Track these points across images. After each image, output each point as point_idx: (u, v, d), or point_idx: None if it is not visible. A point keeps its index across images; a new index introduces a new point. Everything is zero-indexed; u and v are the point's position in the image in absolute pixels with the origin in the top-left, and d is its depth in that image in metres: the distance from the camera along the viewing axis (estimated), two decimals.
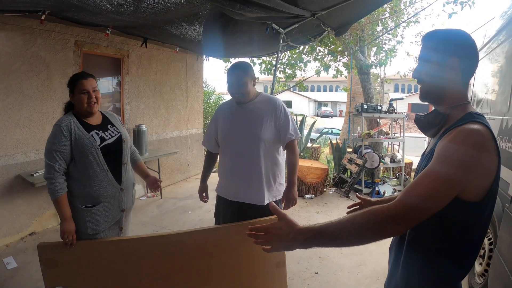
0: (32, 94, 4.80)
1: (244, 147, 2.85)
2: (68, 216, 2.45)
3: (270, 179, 2.91)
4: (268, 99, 2.95)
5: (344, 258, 4.24)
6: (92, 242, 2.54)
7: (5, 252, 4.30)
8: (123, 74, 6.43)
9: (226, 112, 3.03)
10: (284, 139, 2.89)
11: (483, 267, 3.39)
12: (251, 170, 2.85)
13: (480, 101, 4.64)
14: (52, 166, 2.40)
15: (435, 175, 1.23)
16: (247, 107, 2.90)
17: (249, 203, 2.88)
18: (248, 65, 2.92)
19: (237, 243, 2.57)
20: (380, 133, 8.04)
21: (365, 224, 1.22)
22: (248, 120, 2.86)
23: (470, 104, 1.43)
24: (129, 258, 2.55)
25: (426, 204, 1.20)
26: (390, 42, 9.86)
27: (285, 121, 2.87)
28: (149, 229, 5.18)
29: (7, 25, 4.44)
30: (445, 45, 1.41)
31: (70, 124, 2.47)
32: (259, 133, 2.80)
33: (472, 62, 1.42)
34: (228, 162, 2.98)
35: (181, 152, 8.04)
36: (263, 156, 2.84)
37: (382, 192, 7.00)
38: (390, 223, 1.20)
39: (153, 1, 3.77)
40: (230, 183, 2.96)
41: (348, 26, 5.81)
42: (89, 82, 2.54)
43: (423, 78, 1.47)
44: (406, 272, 1.43)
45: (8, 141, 4.57)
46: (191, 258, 2.59)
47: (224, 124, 2.98)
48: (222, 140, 2.99)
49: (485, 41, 4.74)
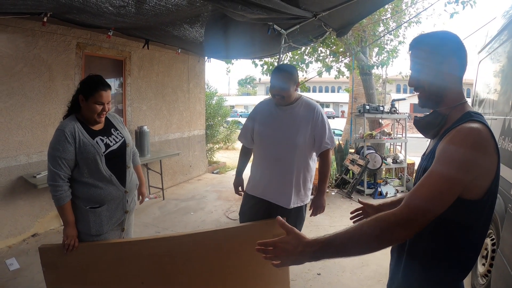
0: (34, 96, 4.81)
1: (278, 150, 2.86)
2: (72, 222, 2.45)
3: (300, 184, 2.93)
4: (308, 104, 2.93)
5: (346, 259, 4.20)
6: (94, 245, 2.54)
7: (8, 254, 4.31)
8: (125, 75, 6.44)
9: (264, 113, 3.03)
10: (320, 147, 2.89)
11: (486, 268, 3.38)
12: (282, 174, 2.87)
13: (482, 101, 4.63)
14: (57, 173, 2.38)
15: (437, 177, 1.23)
16: (286, 110, 2.90)
17: (275, 203, 2.92)
18: (293, 69, 2.93)
19: (239, 245, 2.57)
20: (382, 133, 8.03)
21: (373, 232, 1.22)
22: (285, 124, 2.87)
23: (467, 104, 1.44)
24: (131, 260, 2.55)
25: (430, 205, 1.21)
26: (392, 43, 9.86)
27: (321, 129, 2.86)
28: (151, 230, 5.19)
29: (9, 27, 4.45)
30: (442, 47, 1.42)
31: (74, 130, 2.44)
32: (294, 139, 2.82)
33: (467, 62, 1.43)
34: (261, 162, 3.02)
35: (183, 154, 8.05)
36: (296, 161, 2.85)
37: (385, 193, 6.99)
38: (398, 229, 1.21)
39: (154, 3, 3.78)
40: (260, 182, 2.99)
41: (349, 26, 5.80)
42: (107, 94, 2.50)
43: (422, 84, 1.47)
44: (407, 274, 1.44)
45: (10, 143, 4.58)
46: (193, 260, 2.58)
47: (261, 124, 2.99)
48: (258, 140, 3.02)
49: (487, 41, 4.73)
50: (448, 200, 1.21)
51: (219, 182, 8.21)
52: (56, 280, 2.47)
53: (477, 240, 1.36)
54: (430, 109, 1.53)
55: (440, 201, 1.21)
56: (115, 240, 2.65)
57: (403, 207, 1.23)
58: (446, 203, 1.21)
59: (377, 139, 7.65)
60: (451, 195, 1.21)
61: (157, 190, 6.90)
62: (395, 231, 1.21)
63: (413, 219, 1.20)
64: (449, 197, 1.21)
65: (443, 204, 1.21)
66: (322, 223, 5.43)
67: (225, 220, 5.68)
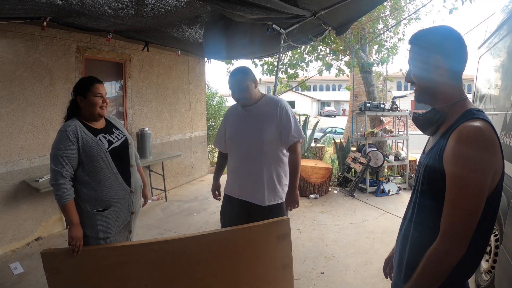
0: (35, 100, 4.82)
1: (247, 149, 2.92)
2: (76, 222, 2.44)
3: (274, 180, 2.94)
4: (271, 100, 2.98)
5: (350, 257, 4.23)
6: (96, 249, 2.53)
7: (12, 258, 4.32)
8: (125, 78, 6.45)
9: (233, 115, 3.11)
10: (287, 141, 2.88)
11: (489, 264, 3.37)
12: (253, 171, 2.91)
13: (483, 96, 4.62)
14: (59, 171, 2.38)
15: (466, 190, 1.25)
16: (251, 110, 2.95)
17: (251, 202, 2.95)
18: (246, 69, 2.96)
19: (243, 246, 2.57)
20: (383, 131, 8.01)
21: (434, 272, 1.30)
22: (251, 124, 2.92)
23: (468, 100, 1.43)
24: (134, 264, 2.54)
25: (470, 222, 1.26)
26: (392, 40, 9.86)
27: (286, 123, 2.87)
28: (154, 232, 5.19)
29: (9, 32, 4.46)
30: (426, 44, 1.44)
31: (76, 129, 2.47)
32: (260, 136, 2.85)
33: (458, 57, 1.42)
34: (233, 163, 3.07)
35: (185, 155, 8.06)
36: (265, 158, 2.89)
37: (387, 191, 6.99)
38: (451, 258, 1.28)
39: (153, 5, 3.78)
40: (235, 182, 3.04)
41: (348, 25, 5.79)
42: (102, 87, 2.60)
43: (414, 80, 1.48)
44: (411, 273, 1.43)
45: (12, 147, 4.59)
46: (196, 262, 2.59)
47: (230, 127, 3.08)
48: (229, 142, 3.09)
49: (487, 36, 4.72)
50: (481, 208, 1.26)
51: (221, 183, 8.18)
52: (59, 285, 2.47)
53: (482, 238, 1.36)
54: (427, 105, 1.53)
55: (476, 214, 1.26)
56: (118, 243, 2.64)
57: (445, 238, 1.29)
58: (480, 212, 1.26)
59: (379, 136, 7.63)
60: (483, 202, 1.26)
61: (160, 191, 6.91)
62: (451, 262, 1.28)
63: (460, 245, 1.26)
64: (481, 206, 1.26)
65: (479, 214, 1.26)
66: (325, 222, 5.43)
67: None
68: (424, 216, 1.44)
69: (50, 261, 2.45)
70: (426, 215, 1.42)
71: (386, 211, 5.96)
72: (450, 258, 1.26)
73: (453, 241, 1.25)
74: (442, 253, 1.27)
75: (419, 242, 1.43)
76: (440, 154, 1.34)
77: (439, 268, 1.28)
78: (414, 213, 1.50)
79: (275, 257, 2.65)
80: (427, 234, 1.38)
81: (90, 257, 2.50)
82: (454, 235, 1.25)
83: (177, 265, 2.56)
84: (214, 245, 2.60)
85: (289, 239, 2.63)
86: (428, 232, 1.37)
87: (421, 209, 1.46)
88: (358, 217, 5.68)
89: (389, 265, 1.91)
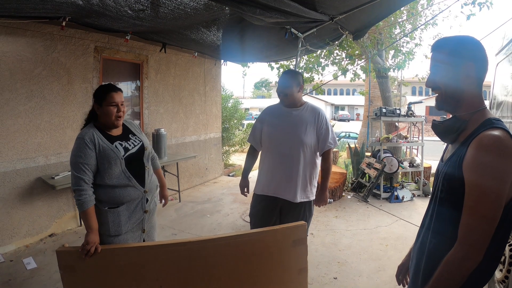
0: (53, 98, 4.88)
1: (287, 147, 3.12)
2: (95, 228, 2.47)
3: (307, 179, 3.18)
4: (312, 108, 3.23)
5: (363, 263, 4.20)
6: (112, 248, 2.54)
7: (25, 253, 4.37)
8: (142, 79, 6.50)
9: (273, 115, 3.30)
10: (323, 147, 3.17)
11: (503, 274, 3.31)
12: (290, 169, 3.11)
13: (500, 104, 4.55)
14: (82, 178, 2.43)
15: (484, 197, 1.27)
16: (293, 112, 3.18)
17: (282, 198, 3.16)
18: (297, 73, 3.32)
19: (259, 250, 2.56)
20: (398, 137, 7.96)
21: (451, 278, 1.32)
22: (293, 124, 3.14)
23: (487, 109, 1.44)
24: (149, 264, 2.55)
25: (487, 228, 1.27)
26: (408, 45, 9.78)
27: (325, 130, 3.16)
28: (168, 232, 5.21)
29: (28, 31, 4.53)
30: (461, 51, 1.43)
31: (93, 136, 2.51)
32: (302, 137, 3.09)
33: (486, 67, 1.45)
34: (272, 160, 3.21)
35: (200, 156, 8.09)
36: (303, 158, 3.11)
37: (401, 197, 6.92)
38: (469, 263, 1.28)
39: (173, 7, 3.80)
40: (271, 181, 3.19)
41: (366, 29, 5.77)
42: (118, 95, 2.60)
43: (439, 86, 1.48)
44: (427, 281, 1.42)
45: (29, 144, 4.65)
46: (212, 265, 2.58)
47: (270, 125, 3.25)
48: (267, 140, 3.25)
49: (504, 43, 4.66)
50: (499, 216, 1.27)
51: (235, 185, 8.18)
52: (74, 283, 2.48)
53: (498, 246, 1.36)
54: (447, 112, 1.52)
55: (493, 221, 1.27)
56: (134, 244, 2.66)
57: (463, 244, 1.30)
58: (497, 219, 1.27)
59: (394, 142, 7.58)
60: (501, 209, 1.27)
61: (174, 192, 6.93)
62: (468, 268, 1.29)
63: (477, 251, 1.27)
64: (499, 213, 1.27)
65: (496, 221, 1.27)
66: (338, 227, 5.40)
67: (241, 223, 5.69)
68: (443, 224, 1.44)
69: (65, 259, 2.46)
70: (445, 223, 1.42)
71: (400, 217, 5.90)
72: (467, 264, 1.27)
73: (471, 247, 1.26)
74: (460, 259, 1.28)
75: (437, 249, 1.42)
76: (459, 162, 1.34)
77: (456, 274, 1.29)
78: (432, 221, 1.50)
79: (290, 261, 2.64)
80: (445, 242, 1.37)
81: (105, 256, 2.51)
82: (472, 242, 1.26)
83: (192, 267, 2.56)
84: (230, 248, 2.60)
85: (305, 244, 2.62)
86: (446, 240, 1.37)
87: (440, 217, 1.46)
88: (371, 223, 5.63)
89: (402, 272, 1.92)
